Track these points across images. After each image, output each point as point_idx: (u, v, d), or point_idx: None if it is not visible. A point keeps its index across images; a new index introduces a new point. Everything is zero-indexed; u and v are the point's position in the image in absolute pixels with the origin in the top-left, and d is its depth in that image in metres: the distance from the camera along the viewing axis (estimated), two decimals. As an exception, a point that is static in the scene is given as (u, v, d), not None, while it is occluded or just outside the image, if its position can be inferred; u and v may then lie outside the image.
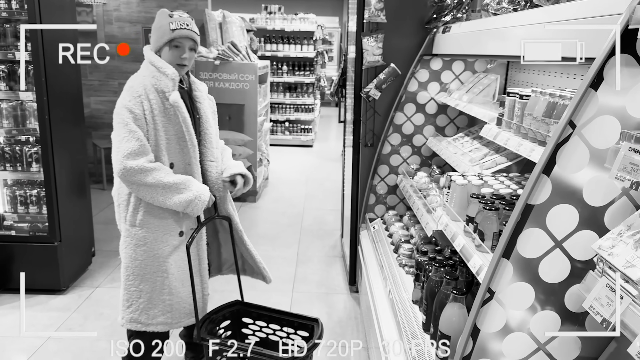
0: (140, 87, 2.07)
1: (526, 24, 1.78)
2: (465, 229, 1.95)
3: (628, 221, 1.17)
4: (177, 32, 2.09)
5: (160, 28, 2.12)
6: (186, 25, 2.11)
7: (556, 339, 1.31)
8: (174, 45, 2.10)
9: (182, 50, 2.11)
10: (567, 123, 1.19)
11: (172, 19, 2.10)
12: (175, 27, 2.08)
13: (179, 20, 2.11)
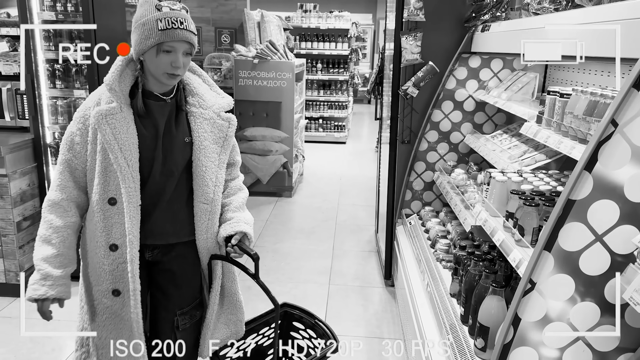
0: (90, 104, 1.67)
1: (570, 23, 1.82)
2: (505, 224, 2.00)
3: (669, 216, 1.21)
4: (169, 33, 1.55)
5: (143, 25, 1.57)
6: (180, 22, 1.57)
7: (595, 328, 1.36)
8: (164, 49, 1.57)
9: (175, 56, 1.58)
10: (610, 121, 1.24)
11: (160, 14, 1.56)
12: (165, 27, 1.55)
13: (170, 16, 1.56)
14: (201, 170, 1.73)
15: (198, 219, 1.77)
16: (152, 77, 1.66)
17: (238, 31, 6.52)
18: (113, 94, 1.61)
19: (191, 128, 1.73)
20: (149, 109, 1.68)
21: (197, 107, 1.74)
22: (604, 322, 1.36)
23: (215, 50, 6.54)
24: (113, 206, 1.67)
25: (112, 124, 1.60)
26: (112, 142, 1.60)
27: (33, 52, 3.31)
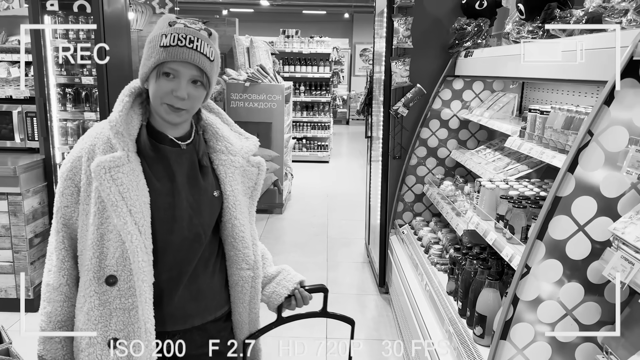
0: (87, 142, 1.33)
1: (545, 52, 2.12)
2: (496, 225, 2.27)
3: (636, 208, 1.50)
4: (171, 51, 1.23)
5: (149, 43, 1.29)
6: (189, 40, 1.24)
7: (581, 304, 1.62)
8: (164, 71, 1.25)
9: (175, 83, 1.26)
10: (587, 132, 1.52)
11: (169, 29, 1.26)
12: (168, 43, 1.23)
13: (179, 32, 1.25)
14: (239, 230, 1.42)
15: (239, 289, 1.46)
16: (155, 111, 1.33)
17: (228, 56, 6.78)
18: (119, 139, 1.27)
19: (220, 179, 1.42)
20: (163, 156, 1.35)
21: (226, 154, 1.43)
22: (588, 300, 1.63)
23: (205, 74, 6.78)
24: (112, 287, 1.28)
25: (118, 179, 1.25)
26: (119, 203, 1.24)
27: (46, 76, 3.49)
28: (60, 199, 1.34)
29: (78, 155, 1.33)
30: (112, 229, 1.28)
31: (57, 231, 1.35)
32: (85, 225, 1.32)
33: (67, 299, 1.36)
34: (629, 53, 1.45)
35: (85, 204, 1.31)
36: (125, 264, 1.27)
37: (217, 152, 1.44)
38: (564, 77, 1.94)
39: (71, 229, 1.35)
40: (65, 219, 1.34)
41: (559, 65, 1.98)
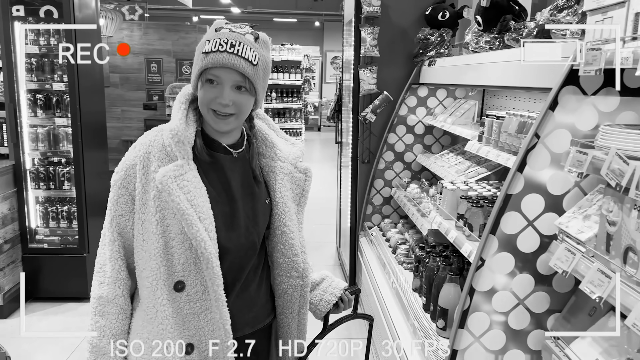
0: (141, 149, 1.30)
1: (501, 61, 2.28)
2: (457, 224, 2.41)
3: (579, 204, 1.64)
4: (212, 57, 1.22)
5: (197, 50, 1.29)
6: (230, 45, 1.22)
7: (531, 295, 1.76)
8: (207, 78, 1.25)
9: (219, 90, 1.25)
10: (534, 135, 1.66)
11: (214, 34, 1.25)
12: (210, 49, 1.23)
13: (222, 37, 1.23)
14: (289, 238, 1.42)
15: (289, 298, 1.45)
16: (205, 119, 1.33)
17: (198, 62, 6.83)
18: (179, 148, 1.26)
19: (269, 186, 1.43)
20: (217, 163, 1.35)
21: (275, 160, 1.43)
22: (538, 290, 1.77)
23: (177, 80, 6.81)
24: (181, 293, 1.29)
25: (184, 187, 1.24)
26: (189, 211, 1.23)
27: (16, 82, 3.49)
28: (114, 207, 1.31)
29: (132, 164, 1.30)
30: (173, 237, 1.27)
31: (112, 241, 1.32)
32: (142, 234, 1.29)
33: (122, 311, 1.33)
34: (569, 63, 1.60)
35: (142, 213, 1.28)
36: (190, 269, 1.28)
37: (267, 159, 1.44)
38: (516, 85, 2.09)
39: (125, 238, 1.33)
40: (120, 227, 1.32)
41: (512, 74, 2.13)
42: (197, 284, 1.29)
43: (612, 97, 1.63)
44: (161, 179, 1.23)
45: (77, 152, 3.60)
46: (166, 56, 6.81)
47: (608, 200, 1.42)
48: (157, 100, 6.91)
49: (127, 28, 6.70)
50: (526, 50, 2.06)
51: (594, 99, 1.63)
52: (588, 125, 1.64)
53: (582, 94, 1.63)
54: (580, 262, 1.47)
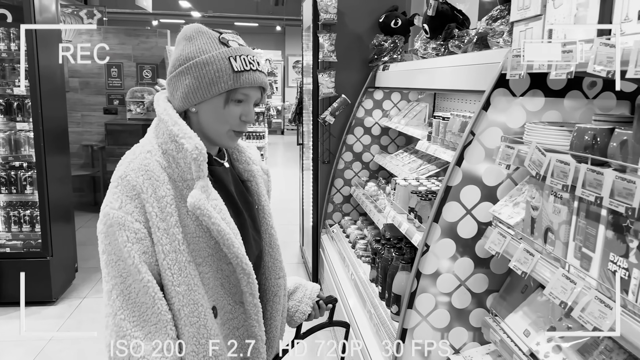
0: (139, 175, 1.15)
1: (448, 65, 2.48)
2: (408, 217, 2.60)
3: (510, 193, 1.85)
4: (247, 77, 1.18)
5: (207, 65, 1.17)
6: (257, 63, 1.21)
7: (472, 276, 1.95)
8: (236, 98, 1.20)
9: (247, 107, 1.22)
10: (470, 132, 1.86)
11: (232, 50, 1.18)
12: (242, 67, 1.17)
13: (245, 54, 1.19)
14: (275, 239, 1.42)
15: (277, 300, 1.40)
16: (207, 136, 1.24)
17: (159, 66, 6.86)
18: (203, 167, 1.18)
19: (252, 190, 1.40)
20: (218, 177, 1.28)
21: (250, 164, 1.40)
22: (477, 272, 1.96)
23: (137, 85, 6.81)
24: (216, 319, 1.24)
25: (217, 207, 1.19)
26: (227, 231, 1.18)
27: (-25, 87, 3.49)
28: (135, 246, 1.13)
29: (134, 194, 1.14)
30: (201, 261, 1.20)
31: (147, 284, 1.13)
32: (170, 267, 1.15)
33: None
34: (500, 68, 1.80)
35: (162, 244, 1.14)
36: (218, 290, 1.23)
37: (243, 164, 1.40)
38: (457, 88, 2.29)
39: (155, 274, 1.17)
40: (148, 266, 1.15)
41: (455, 78, 2.33)
42: (226, 305, 1.26)
43: (538, 98, 1.84)
44: (198, 204, 1.14)
45: (40, 156, 3.62)
46: (127, 60, 6.81)
47: (531, 188, 1.62)
48: (117, 105, 6.89)
49: (87, 32, 6.66)
50: (466, 56, 2.27)
51: (522, 99, 1.83)
52: (517, 123, 1.85)
53: (512, 95, 1.83)
54: (510, 244, 1.67)
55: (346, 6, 3.83)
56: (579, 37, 1.40)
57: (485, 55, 2.05)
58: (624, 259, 1.19)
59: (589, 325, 1.21)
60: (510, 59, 1.70)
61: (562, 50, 1.39)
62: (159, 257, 1.16)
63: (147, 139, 1.22)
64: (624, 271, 1.19)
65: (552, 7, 1.54)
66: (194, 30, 1.22)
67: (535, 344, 1.59)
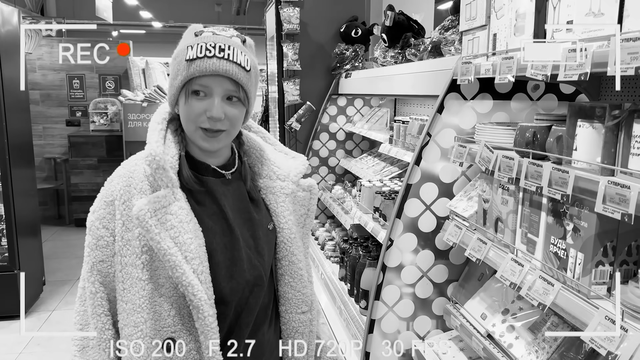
0: (120, 182, 1.13)
1: (406, 72, 2.63)
2: (374, 216, 2.73)
3: (464, 189, 2.00)
4: (198, 64, 1.07)
5: (174, 59, 1.13)
6: (219, 49, 1.07)
7: (433, 267, 2.09)
8: (193, 90, 1.09)
9: (208, 102, 1.10)
10: (427, 134, 2.01)
11: (195, 39, 1.10)
12: (194, 55, 1.07)
13: (206, 41, 1.08)
14: (297, 268, 1.25)
15: (299, 336, 1.26)
16: (190, 138, 1.16)
17: (122, 77, 6.83)
18: (160, 175, 1.08)
19: (270, 209, 1.25)
20: (208, 189, 1.17)
21: (274, 179, 1.26)
22: (438, 263, 2.11)
23: (100, 96, 6.77)
24: (169, 353, 1.09)
25: (166, 222, 1.07)
26: (172, 251, 1.05)
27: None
28: (93, 252, 1.11)
29: (110, 200, 1.11)
30: (163, 282, 1.09)
31: (93, 294, 1.12)
32: (122, 281, 1.10)
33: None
34: (451, 74, 1.96)
35: (122, 256, 1.09)
36: (183, 322, 1.10)
37: (264, 178, 1.26)
38: (415, 93, 2.45)
39: (109, 289, 1.13)
40: (102, 276, 1.12)
41: (412, 84, 2.48)
42: (191, 341, 1.10)
43: (487, 100, 2.00)
44: (137, 214, 1.04)
45: (5, 169, 3.60)
46: (89, 72, 6.76)
47: (482, 182, 1.77)
48: (80, 117, 6.83)
49: (47, 44, 6.59)
50: (422, 64, 2.43)
51: (473, 102, 1.99)
52: (469, 125, 2.01)
53: (463, 99, 1.99)
54: (465, 235, 1.81)
55: (308, 17, 3.97)
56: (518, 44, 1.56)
57: (438, 63, 2.21)
58: (563, 241, 1.35)
59: (535, 302, 1.36)
60: (460, 65, 1.86)
61: (504, 57, 1.55)
62: (117, 268, 1.11)
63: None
64: (563, 251, 1.34)
65: (495, 19, 1.70)
66: (186, 31, 1.15)
67: (492, 326, 1.74)
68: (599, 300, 1.23)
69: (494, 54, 1.71)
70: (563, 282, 1.33)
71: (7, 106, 3.57)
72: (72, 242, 5.86)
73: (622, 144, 1.20)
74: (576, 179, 1.23)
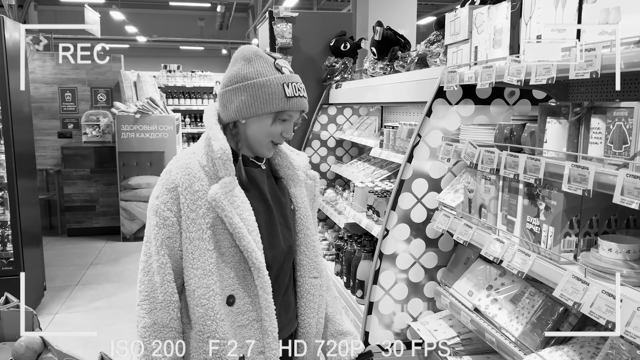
0: (179, 172, 1.37)
1: (396, 82, 2.89)
2: (367, 213, 2.97)
3: (451, 183, 2.26)
4: (295, 102, 1.40)
5: (263, 87, 1.36)
6: (303, 90, 1.44)
7: (424, 254, 2.34)
8: (282, 118, 1.40)
9: (288, 126, 1.43)
10: (417, 135, 2.26)
11: (285, 77, 1.39)
12: (292, 94, 1.39)
13: (294, 81, 1.41)
14: (310, 240, 1.54)
15: (310, 297, 1.52)
16: (249, 143, 1.44)
17: (114, 90, 7.00)
18: (227, 165, 1.36)
19: (290, 193, 1.55)
20: (252, 177, 1.46)
21: (292, 169, 1.56)
22: (428, 251, 2.35)
23: (92, 108, 6.92)
24: (232, 307, 1.38)
25: (234, 202, 1.35)
26: (240, 225, 1.34)
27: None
28: (162, 231, 1.36)
29: (172, 187, 1.36)
30: (224, 251, 1.36)
31: (161, 265, 1.36)
32: (192, 252, 1.35)
33: (178, 335, 1.39)
34: (438, 82, 2.23)
35: (189, 232, 1.35)
36: (240, 281, 1.38)
37: (284, 168, 1.55)
38: (404, 101, 2.71)
39: (173, 260, 1.38)
40: (170, 250, 1.37)
41: (401, 93, 2.75)
42: (245, 296, 1.38)
43: (469, 105, 2.27)
44: (214, 196, 1.32)
45: (11, 177, 3.74)
46: (80, 85, 6.90)
47: (467, 175, 2.03)
48: (72, 129, 6.96)
49: (39, 58, 6.73)
50: (410, 74, 2.70)
51: (457, 107, 2.26)
52: (454, 126, 2.27)
53: (449, 104, 2.25)
54: (453, 222, 2.07)
55: (300, 31, 4.23)
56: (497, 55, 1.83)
57: (425, 73, 2.48)
58: (537, 219, 1.60)
59: (515, 271, 1.61)
60: (446, 74, 2.13)
61: (484, 66, 1.82)
62: (184, 242, 1.36)
63: (197, 144, 1.45)
64: (537, 227, 1.60)
65: (476, 33, 1.97)
66: (253, 53, 1.40)
67: (477, 300, 1.98)
68: (567, 264, 1.48)
69: (476, 63, 1.98)
70: (538, 252, 1.58)
71: (13, 117, 3.73)
72: (67, 251, 5.96)
73: (582, 135, 1.47)
74: (546, 165, 1.48)
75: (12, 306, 1.63)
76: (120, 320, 4.03)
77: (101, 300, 4.50)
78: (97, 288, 4.80)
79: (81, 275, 5.16)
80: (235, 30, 16.00)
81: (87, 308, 4.31)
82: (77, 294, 4.62)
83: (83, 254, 5.86)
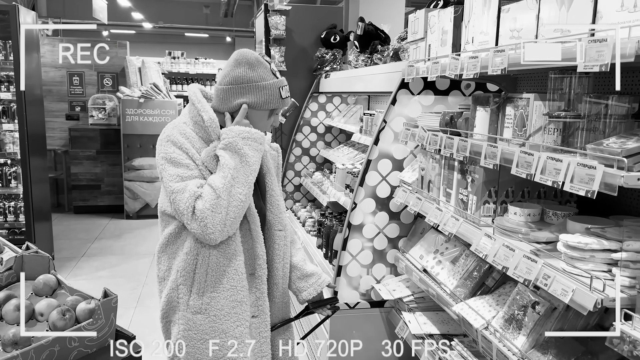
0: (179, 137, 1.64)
1: (373, 74, 3.21)
2: (345, 192, 3.30)
3: (411, 163, 2.58)
4: (286, 102, 1.76)
5: (265, 88, 1.68)
6: (289, 91, 1.79)
7: (388, 225, 2.67)
8: (275, 113, 1.77)
9: (277, 117, 1.80)
10: (383, 120, 2.59)
11: (279, 82, 1.73)
12: (285, 95, 1.74)
13: (284, 85, 1.75)
14: (275, 200, 1.83)
15: (276, 247, 1.81)
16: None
17: (120, 75, 7.33)
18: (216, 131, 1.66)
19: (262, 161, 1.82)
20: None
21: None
22: (391, 222, 2.69)
23: (99, 92, 7.25)
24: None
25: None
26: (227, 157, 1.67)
27: (-35, 93, 3.95)
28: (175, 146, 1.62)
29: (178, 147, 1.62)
30: None
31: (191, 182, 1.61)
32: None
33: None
34: (401, 75, 2.54)
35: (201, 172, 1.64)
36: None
37: None
38: (378, 90, 3.03)
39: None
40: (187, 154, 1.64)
41: (377, 83, 3.06)
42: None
43: (429, 96, 2.59)
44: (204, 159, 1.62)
45: (24, 154, 4.09)
46: (88, 69, 7.23)
47: (421, 156, 2.36)
48: (79, 111, 7.30)
49: (49, 43, 7.05)
50: (383, 67, 3.01)
51: (419, 97, 2.58)
52: (415, 114, 2.59)
53: (411, 94, 2.57)
54: (409, 196, 2.40)
55: (293, 24, 4.54)
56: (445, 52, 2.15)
57: (394, 66, 2.80)
58: (466, 190, 1.93)
59: (446, 232, 1.94)
60: (407, 68, 2.44)
61: (433, 62, 2.13)
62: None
63: (182, 115, 1.72)
64: (466, 197, 1.93)
65: (429, 33, 2.29)
66: (255, 59, 1.70)
67: (426, 262, 2.32)
68: (484, 226, 1.81)
69: (429, 59, 2.30)
70: (465, 217, 1.92)
71: (27, 99, 4.07)
72: (73, 227, 6.34)
73: (500, 121, 1.79)
74: (471, 145, 1.81)
75: (32, 252, 1.96)
76: (122, 288, 4.39)
77: (105, 270, 4.88)
78: (101, 259, 5.18)
79: (86, 248, 5.54)
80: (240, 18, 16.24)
81: (92, 277, 4.69)
82: (82, 264, 5.00)
83: (88, 230, 6.24)
